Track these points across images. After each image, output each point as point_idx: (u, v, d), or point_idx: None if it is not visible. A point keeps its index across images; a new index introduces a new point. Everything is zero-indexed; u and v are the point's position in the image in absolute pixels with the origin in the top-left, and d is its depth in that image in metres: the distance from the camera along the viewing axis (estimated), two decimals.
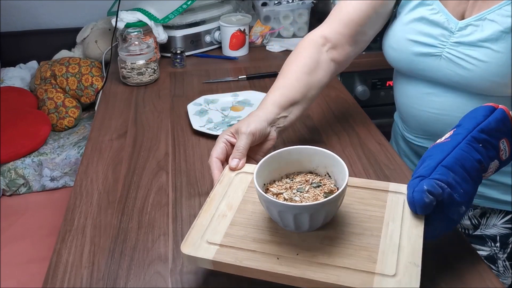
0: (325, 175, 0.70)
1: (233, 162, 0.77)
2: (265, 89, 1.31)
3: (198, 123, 1.10)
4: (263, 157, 0.70)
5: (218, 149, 0.80)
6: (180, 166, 0.97)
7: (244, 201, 0.70)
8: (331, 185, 0.68)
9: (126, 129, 1.13)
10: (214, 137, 1.05)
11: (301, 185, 0.68)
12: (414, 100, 0.96)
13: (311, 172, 0.72)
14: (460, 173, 0.63)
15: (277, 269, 0.59)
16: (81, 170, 0.97)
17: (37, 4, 2.13)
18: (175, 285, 0.69)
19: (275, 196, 0.66)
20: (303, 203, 0.62)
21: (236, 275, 0.62)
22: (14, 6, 2.12)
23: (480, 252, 0.97)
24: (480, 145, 0.66)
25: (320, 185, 0.68)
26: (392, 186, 0.71)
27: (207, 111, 1.17)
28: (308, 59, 0.94)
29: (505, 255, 0.97)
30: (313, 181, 0.69)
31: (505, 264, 0.98)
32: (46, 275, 0.72)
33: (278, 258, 0.61)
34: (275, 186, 0.69)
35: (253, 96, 1.24)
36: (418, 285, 0.56)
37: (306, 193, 0.67)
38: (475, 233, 0.99)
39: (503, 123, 0.68)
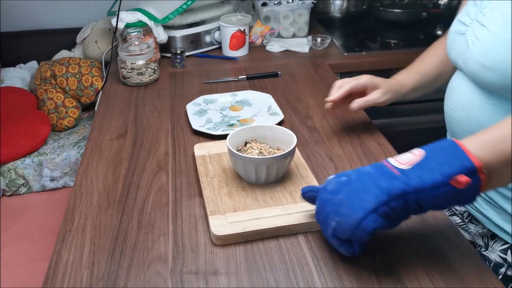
0: (277, 148, 0.91)
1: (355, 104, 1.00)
2: (265, 89, 1.31)
3: (197, 123, 1.11)
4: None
5: (352, 87, 1.00)
6: (180, 166, 0.97)
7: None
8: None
9: (126, 129, 1.13)
10: (214, 137, 1.05)
11: (260, 150, 0.89)
12: (446, 94, 0.95)
13: (265, 144, 0.92)
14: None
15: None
16: (81, 170, 0.97)
17: (37, 4, 2.13)
18: (175, 285, 0.69)
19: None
20: (261, 157, 0.84)
21: (236, 276, 0.61)
22: (14, 6, 2.12)
23: None
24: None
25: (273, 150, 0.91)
26: None
27: (206, 111, 1.17)
28: (442, 52, 1.02)
29: None
30: (269, 149, 0.90)
31: None
32: (46, 275, 0.72)
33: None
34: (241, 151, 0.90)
35: (252, 95, 1.24)
36: None
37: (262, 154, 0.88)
38: (483, 252, 0.93)
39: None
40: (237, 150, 0.88)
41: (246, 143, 0.92)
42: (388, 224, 0.64)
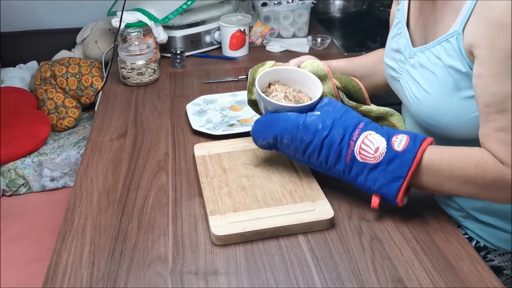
0: (299, 91, 0.89)
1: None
2: None
3: (197, 123, 1.11)
4: None
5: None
6: (180, 166, 0.97)
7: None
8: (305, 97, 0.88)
9: (126, 129, 1.13)
10: (214, 137, 1.05)
11: (285, 93, 0.87)
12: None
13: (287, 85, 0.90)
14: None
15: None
16: (81, 170, 0.97)
17: (37, 4, 2.13)
18: (175, 285, 0.69)
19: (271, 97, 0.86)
20: (298, 105, 0.82)
21: (236, 276, 0.62)
22: (14, 6, 2.12)
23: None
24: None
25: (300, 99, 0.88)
26: None
27: (206, 111, 1.17)
28: (382, 52, 1.07)
29: None
30: (293, 92, 0.89)
31: None
32: (46, 275, 0.72)
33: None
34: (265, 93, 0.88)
35: None
36: None
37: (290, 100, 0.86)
38: None
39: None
40: (262, 92, 0.86)
41: (269, 85, 0.90)
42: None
